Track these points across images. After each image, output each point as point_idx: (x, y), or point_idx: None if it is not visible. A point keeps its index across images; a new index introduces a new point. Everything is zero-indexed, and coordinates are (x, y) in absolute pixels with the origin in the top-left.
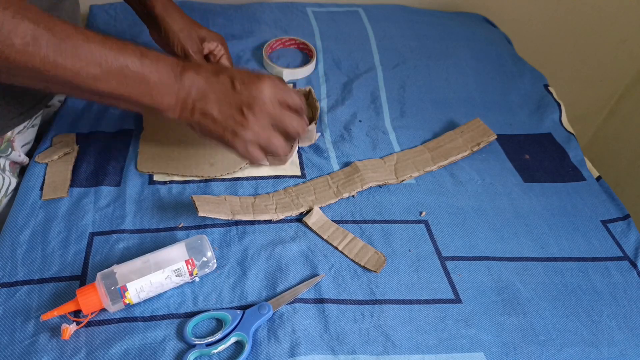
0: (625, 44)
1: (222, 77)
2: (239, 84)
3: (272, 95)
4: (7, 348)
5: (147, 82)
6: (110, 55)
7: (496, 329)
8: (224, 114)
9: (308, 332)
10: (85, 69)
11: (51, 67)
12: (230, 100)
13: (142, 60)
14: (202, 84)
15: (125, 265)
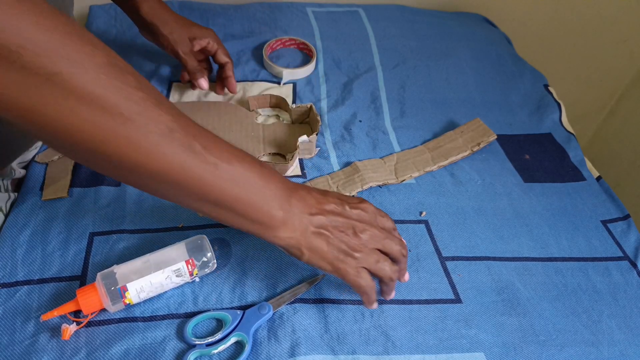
0: (625, 44)
1: (330, 198)
2: (347, 205)
3: (375, 218)
4: (7, 348)
5: (264, 192)
6: (234, 158)
7: (496, 329)
8: (338, 235)
9: (308, 332)
10: (209, 172)
11: (178, 167)
12: (343, 220)
13: (262, 168)
14: (314, 201)
15: (125, 265)
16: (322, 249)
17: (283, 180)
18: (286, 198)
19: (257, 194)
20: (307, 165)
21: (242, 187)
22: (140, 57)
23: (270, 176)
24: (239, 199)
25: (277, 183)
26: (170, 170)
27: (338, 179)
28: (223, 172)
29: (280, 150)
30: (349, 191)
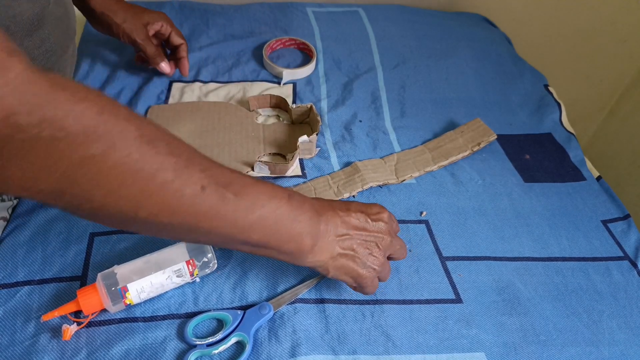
0: (625, 44)
1: (354, 213)
2: (369, 217)
3: (392, 227)
4: (7, 349)
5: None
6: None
7: (497, 328)
8: (362, 251)
9: (309, 332)
10: (243, 217)
11: (212, 218)
12: (367, 235)
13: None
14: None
15: (125, 265)
16: (348, 267)
17: (311, 206)
18: (315, 225)
19: (289, 228)
20: (308, 165)
21: (274, 225)
22: None
23: (299, 207)
24: (272, 237)
25: (306, 213)
26: (204, 222)
27: (338, 179)
28: (255, 216)
29: (281, 150)
30: (349, 191)
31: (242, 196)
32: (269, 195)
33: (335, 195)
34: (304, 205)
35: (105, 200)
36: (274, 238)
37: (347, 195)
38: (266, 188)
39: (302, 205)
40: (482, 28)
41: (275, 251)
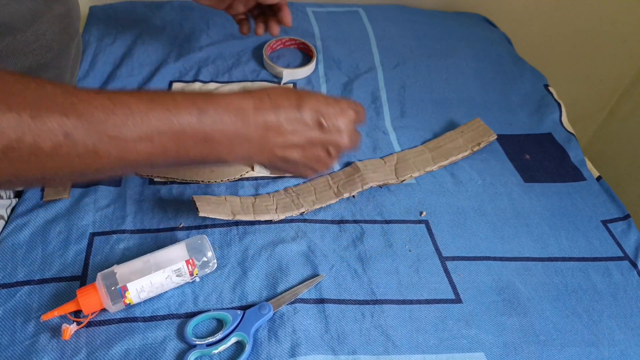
0: (625, 44)
1: (306, 113)
2: (326, 121)
3: (354, 127)
4: (7, 348)
5: (211, 141)
6: (161, 125)
7: (497, 329)
8: (308, 157)
9: (308, 332)
10: (135, 150)
11: (92, 160)
12: (316, 141)
13: (202, 118)
14: (284, 125)
15: (125, 265)
16: (286, 169)
17: (235, 114)
18: (243, 134)
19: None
20: None
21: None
22: (140, 57)
23: (216, 124)
24: (182, 162)
25: (228, 126)
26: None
27: (338, 179)
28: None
29: None
30: (349, 191)
31: (128, 129)
32: (167, 117)
33: (335, 195)
34: (224, 117)
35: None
36: (187, 158)
37: (347, 195)
38: (164, 107)
39: (220, 117)
40: (482, 28)
41: (196, 165)
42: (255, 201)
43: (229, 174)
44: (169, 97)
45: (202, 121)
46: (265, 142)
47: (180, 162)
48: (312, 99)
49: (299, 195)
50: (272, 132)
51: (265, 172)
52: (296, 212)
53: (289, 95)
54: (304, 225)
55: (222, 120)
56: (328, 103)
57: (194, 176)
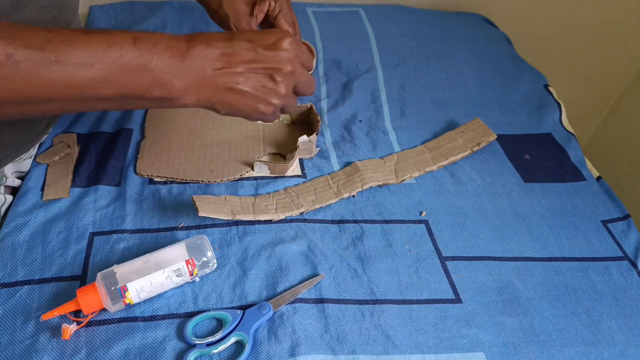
0: (625, 44)
1: (238, 43)
2: (260, 48)
3: (295, 55)
4: (7, 348)
5: (151, 69)
6: (100, 51)
7: (496, 329)
8: (252, 85)
9: (308, 332)
10: (79, 75)
11: (35, 84)
12: (256, 67)
13: (137, 46)
14: (218, 55)
15: (125, 265)
16: (239, 103)
17: (168, 46)
18: (178, 64)
19: (144, 75)
20: (307, 165)
21: (125, 76)
22: None
23: (150, 49)
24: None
25: (162, 53)
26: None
27: (338, 179)
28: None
29: (280, 150)
30: (349, 191)
31: (68, 54)
32: (104, 43)
33: (335, 195)
34: (157, 46)
35: None
36: (130, 88)
37: (347, 195)
38: (101, 37)
39: (153, 46)
40: (482, 28)
41: (143, 100)
42: (255, 201)
43: (229, 174)
44: (105, 31)
45: (138, 47)
46: (205, 71)
47: (127, 92)
48: (244, 32)
49: (299, 195)
50: (209, 60)
51: (265, 172)
52: (296, 212)
53: (222, 33)
54: (303, 225)
55: (157, 47)
56: (261, 33)
57: (194, 176)
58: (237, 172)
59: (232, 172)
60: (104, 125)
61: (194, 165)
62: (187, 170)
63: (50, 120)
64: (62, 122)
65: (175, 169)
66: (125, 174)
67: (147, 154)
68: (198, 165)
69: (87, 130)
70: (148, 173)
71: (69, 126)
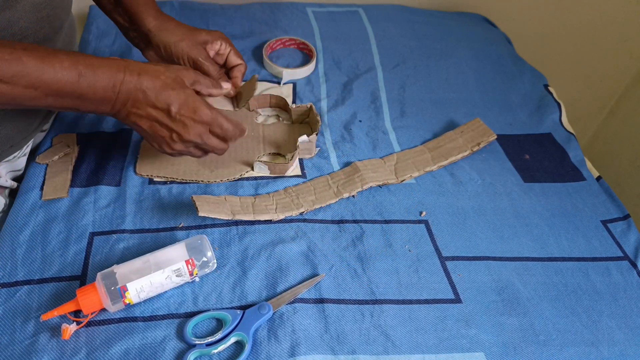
0: (625, 44)
1: (161, 101)
2: (175, 111)
3: (203, 131)
4: (7, 348)
5: (85, 98)
6: (47, 76)
7: (496, 329)
8: (154, 131)
9: (308, 332)
10: (23, 94)
11: None
12: (162, 123)
13: (80, 80)
14: (140, 101)
15: (125, 265)
16: (140, 132)
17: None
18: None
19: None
20: (307, 165)
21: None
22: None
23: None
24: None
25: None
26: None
27: (338, 179)
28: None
29: (280, 150)
30: (348, 191)
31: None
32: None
33: (335, 195)
34: (97, 83)
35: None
36: (64, 106)
37: (347, 195)
38: (52, 65)
39: (94, 82)
40: (482, 28)
41: (71, 111)
42: (255, 201)
43: (229, 174)
44: (57, 58)
45: (80, 83)
46: (124, 107)
47: (58, 108)
48: (174, 90)
49: (299, 195)
50: (130, 100)
51: (265, 172)
52: (296, 212)
53: (157, 78)
54: (303, 225)
55: (95, 84)
56: (187, 100)
57: (194, 176)
58: (237, 172)
59: (232, 172)
60: (104, 125)
61: (193, 165)
62: (187, 170)
63: (43, 118)
64: (62, 122)
65: (175, 169)
66: (125, 174)
67: (147, 154)
68: (198, 165)
69: (87, 130)
70: (148, 173)
71: (69, 126)
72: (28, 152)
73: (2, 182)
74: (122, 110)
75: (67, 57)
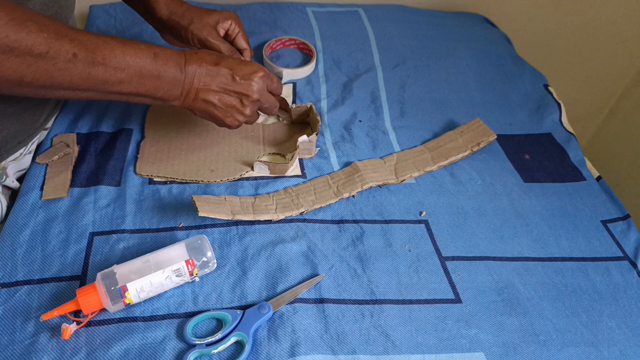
0: (625, 44)
1: (222, 69)
2: (238, 76)
3: (264, 86)
4: (7, 348)
5: (161, 78)
6: (131, 59)
7: (496, 329)
8: (224, 103)
9: (308, 332)
10: (113, 75)
11: (85, 78)
12: (230, 90)
13: (156, 60)
14: (204, 75)
15: (125, 265)
16: (211, 113)
17: (176, 62)
18: (178, 78)
19: (155, 82)
20: (307, 165)
21: (142, 80)
22: None
23: (164, 64)
24: (141, 89)
25: (170, 68)
26: (80, 82)
27: (338, 179)
28: (124, 74)
29: (280, 150)
30: (348, 191)
31: (110, 58)
32: (134, 55)
33: (335, 195)
34: (169, 62)
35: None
36: (143, 90)
37: (347, 195)
38: (133, 50)
39: (166, 62)
40: (482, 28)
41: (147, 99)
42: (255, 201)
43: (229, 174)
44: (134, 43)
45: (156, 61)
46: (192, 85)
47: (140, 91)
48: (229, 59)
49: (299, 195)
50: (196, 78)
51: (265, 172)
52: (296, 212)
53: (211, 54)
54: (303, 225)
55: (167, 64)
56: (241, 63)
57: (194, 176)
58: (237, 172)
59: (232, 172)
60: (104, 125)
61: (193, 165)
62: (187, 170)
63: (48, 115)
64: (62, 122)
65: (175, 169)
66: (125, 174)
67: (147, 154)
68: (198, 165)
69: (87, 130)
70: (148, 173)
71: (69, 126)
72: (33, 150)
73: (9, 183)
74: (191, 91)
75: (138, 42)
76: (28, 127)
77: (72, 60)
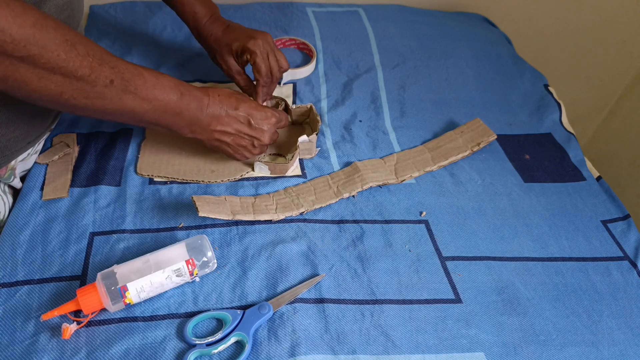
0: (625, 44)
1: (240, 114)
2: (254, 121)
3: (275, 129)
4: (7, 348)
5: (182, 116)
6: (159, 93)
7: (496, 329)
8: (237, 143)
9: (308, 332)
10: (140, 105)
11: (116, 103)
12: (245, 134)
13: (181, 99)
14: (224, 117)
15: (125, 265)
16: (222, 149)
17: (199, 102)
18: (198, 117)
19: (176, 117)
20: (308, 165)
21: (165, 113)
22: (139, 57)
23: (188, 103)
24: (162, 121)
25: (192, 108)
26: (110, 106)
27: (338, 179)
28: (150, 106)
29: (280, 150)
30: (348, 191)
31: (141, 89)
32: (162, 91)
33: (335, 195)
34: (192, 102)
35: (38, 84)
36: (163, 121)
37: (347, 195)
38: (162, 85)
39: (190, 101)
40: (482, 28)
41: (162, 128)
42: (255, 201)
43: (229, 174)
44: (165, 79)
45: (181, 100)
46: (209, 125)
47: (159, 122)
48: (247, 103)
49: (299, 195)
50: (215, 120)
51: (266, 172)
52: (296, 212)
53: (231, 97)
54: (303, 225)
55: (190, 104)
56: (258, 109)
57: (194, 176)
58: (237, 172)
59: (233, 173)
60: (104, 125)
61: (194, 165)
62: (187, 170)
63: (56, 116)
64: (62, 122)
65: (176, 169)
66: (125, 174)
67: (147, 154)
68: (198, 166)
69: (87, 130)
70: (148, 173)
71: (69, 126)
72: (39, 150)
73: (16, 184)
74: (207, 130)
75: (169, 78)
76: (38, 126)
77: (109, 86)
